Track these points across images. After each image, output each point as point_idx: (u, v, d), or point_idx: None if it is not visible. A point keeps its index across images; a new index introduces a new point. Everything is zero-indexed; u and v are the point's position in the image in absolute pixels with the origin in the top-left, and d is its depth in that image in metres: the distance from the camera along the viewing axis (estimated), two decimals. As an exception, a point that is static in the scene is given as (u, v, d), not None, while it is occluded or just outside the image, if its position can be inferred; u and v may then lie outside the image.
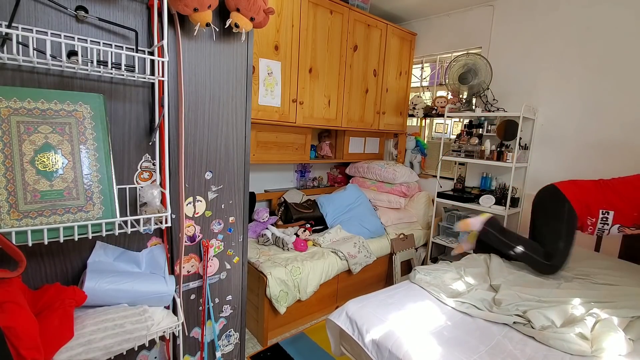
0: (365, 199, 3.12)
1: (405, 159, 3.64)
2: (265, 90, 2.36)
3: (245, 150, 1.18)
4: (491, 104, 2.96)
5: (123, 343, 0.84)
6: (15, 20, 0.76)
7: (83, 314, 0.85)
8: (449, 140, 3.38)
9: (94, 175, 0.83)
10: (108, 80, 0.89)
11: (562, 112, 2.68)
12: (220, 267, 1.19)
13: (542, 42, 2.75)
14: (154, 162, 1.00)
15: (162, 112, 0.92)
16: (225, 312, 1.23)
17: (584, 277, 1.89)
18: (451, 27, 3.33)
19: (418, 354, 1.23)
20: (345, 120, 2.98)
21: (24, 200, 0.75)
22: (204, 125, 1.08)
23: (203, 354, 1.18)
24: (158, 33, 0.93)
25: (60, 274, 0.90)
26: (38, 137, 0.77)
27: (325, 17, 2.64)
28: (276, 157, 2.76)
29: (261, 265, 2.11)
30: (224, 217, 1.17)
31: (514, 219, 2.97)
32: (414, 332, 1.35)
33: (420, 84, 3.74)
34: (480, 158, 2.82)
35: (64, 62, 0.78)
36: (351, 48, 2.88)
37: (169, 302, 1.00)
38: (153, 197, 0.93)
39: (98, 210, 0.83)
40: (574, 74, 2.60)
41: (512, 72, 2.92)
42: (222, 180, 1.14)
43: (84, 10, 0.84)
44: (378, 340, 1.34)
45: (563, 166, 2.70)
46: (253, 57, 1.18)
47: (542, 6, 2.73)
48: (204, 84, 1.05)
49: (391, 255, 2.91)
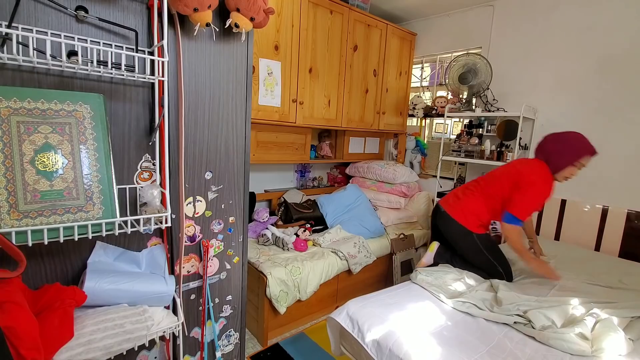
0: (365, 199, 3.12)
1: (405, 159, 3.64)
2: (265, 90, 2.36)
3: (245, 150, 1.18)
4: (491, 104, 2.96)
5: (123, 343, 0.84)
6: (15, 20, 0.76)
7: (83, 314, 0.85)
8: (449, 140, 3.38)
9: (94, 175, 0.83)
10: (108, 80, 0.89)
11: (562, 112, 2.68)
12: (220, 267, 1.19)
13: (542, 42, 2.75)
14: (154, 162, 0.99)
15: (162, 112, 0.92)
16: (225, 312, 1.23)
17: (585, 277, 1.89)
18: (451, 27, 3.33)
19: (418, 353, 1.23)
20: (345, 120, 2.98)
21: (24, 200, 0.75)
22: (204, 125, 1.07)
23: (203, 354, 1.18)
24: (158, 33, 0.93)
25: (60, 274, 0.90)
26: (38, 137, 0.77)
27: (325, 17, 2.64)
28: (276, 157, 2.76)
29: (261, 265, 2.11)
30: (224, 217, 1.17)
31: (514, 219, 2.96)
32: (414, 331, 1.35)
33: (420, 84, 3.74)
34: (480, 158, 2.82)
35: (64, 62, 0.77)
36: (351, 48, 2.88)
37: (169, 302, 1.00)
38: (153, 197, 0.93)
39: (98, 210, 0.83)
40: (574, 73, 2.60)
41: (512, 72, 2.91)
42: (222, 180, 1.14)
43: (84, 10, 0.84)
44: (378, 339, 1.34)
45: (563, 166, 2.70)
46: (253, 57, 1.18)
47: (542, 6, 2.73)
48: (204, 84, 1.05)
49: (391, 255, 2.91)
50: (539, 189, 1.82)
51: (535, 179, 1.82)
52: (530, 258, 1.89)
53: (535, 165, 1.89)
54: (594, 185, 2.54)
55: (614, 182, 2.45)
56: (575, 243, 2.59)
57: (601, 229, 2.51)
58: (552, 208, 2.76)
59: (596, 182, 2.53)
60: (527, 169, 1.88)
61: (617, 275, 1.94)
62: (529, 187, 1.81)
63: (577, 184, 2.61)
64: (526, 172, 1.86)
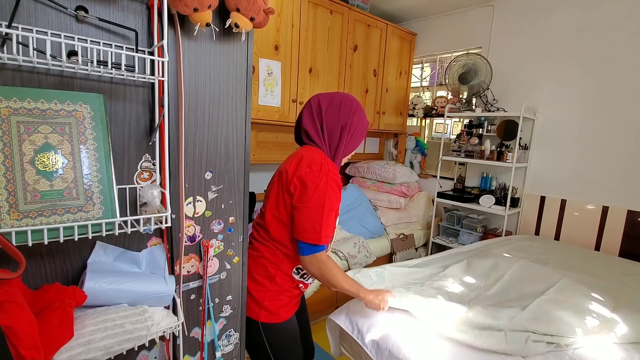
0: (365, 199, 3.12)
1: (405, 159, 3.64)
2: (265, 90, 2.36)
3: (245, 150, 1.18)
4: (491, 104, 2.96)
5: (123, 343, 0.84)
6: (15, 20, 0.75)
7: (83, 314, 0.85)
8: (449, 140, 3.38)
9: (94, 175, 0.83)
10: (108, 80, 0.89)
11: (562, 112, 2.68)
12: (220, 267, 1.19)
13: (542, 42, 2.75)
14: (154, 162, 0.99)
15: (162, 112, 0.91)
16: (225, 312, 1.23)
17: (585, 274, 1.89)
18: (451, 27, 3.33)
19: (418, 355, 1.23)
20: (345, 120, 2.98)
21: (24, 200, 0.75)
22: (204, 125, 1.07)
23: (203, 354, 1.18)
24: (158, 33, 0.93)
25: (60, 274, 0.90)
26: (38, 137, 0.77)
27: (325, 17, 2.64)
28: (276, 157, 2.76)
29: (261, 265, 2.11)
30: (224, 217, 1.17)
31: (514, 219, 2.97)
32: (414, 332, 1.35)
33: (420, 84, 3.74)
34: (480, 158, 2.82)
35: (64, 62, 0.77)
36: (351, 48, 2.88)
37: (169, 302, 1.00)
38: (153, 197, 0.93)
39: (98, 210, 0.83)
40: (574, 73, 2.61)
41: (512, 72, 2.92)
42: (222, 180, 1.14)
43: (84, 10, 0.84)
44: (378, 340, 1.34)
45: (563, 166, 2.70)
46: (253, 57, 1.17)
47: (542, 6, 2.73)
48: (204, 84, 1.05)
49: (391, 255, 2.91)
50: (323, 191, 1.12)
51: (314, 177, 1.12)
52: (366, 292, 1.29)
53: (304, 159, 1.17)
54: (594, 185, 2.55)
55: (614, 182, 2.45)
56: (575, 243, 2.59)
57: (601, 229, 2.51)
58: (552, 208, 2.76)
59: (596, 182, 2.53)
60: (296, 164, 1.17)
61: (617, 275, 1.93)
62: (309, 196, 1.12)
63: (577, 183, 2.61)
64: (299, 170, 1.15)
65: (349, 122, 1.20)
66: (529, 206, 2.88)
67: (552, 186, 2.75)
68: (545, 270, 1.86)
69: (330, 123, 1.20)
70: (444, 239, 3.11)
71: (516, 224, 2.95)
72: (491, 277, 1.81)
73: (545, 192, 2.79)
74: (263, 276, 1.24)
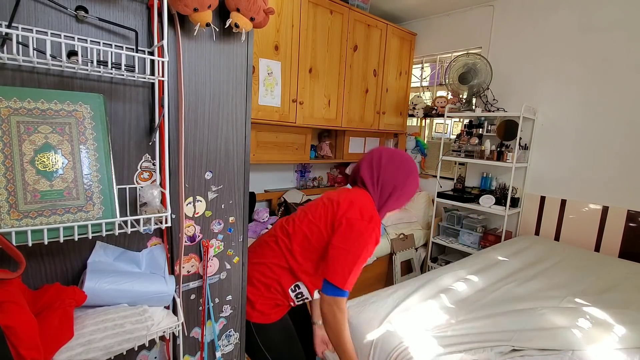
0: (365, 199, 3.11)
1: (405, 159, 3.64)
2: (265, 90, 2.36)
3: (245, 150, 1.18)
4: (491, 104, 2.96)
5: (123, 343, 0.84)
6: (15, 20, 0.75)
7: (83, 314, 0.85)
8: (449, 140, 3.38)
9: (94, 175, 0.83)
10: (108, 80, 0.89)
11: (562, 112, 2.68)
12: (220, 267, 1.19)
13: (542, 41, 2.75)
14: (154, 162, 0.99)
15: (162, 112, 0.91)
16: (225, 312, 1.23)
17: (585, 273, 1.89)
18: (451, 27, 3.33)
19: (419, 354, 1.23)
20: (345, 120, 2.98)
21: (24, 200, 0.75)
22: (204, 125, 1.07)
23: (203, 354, 1.18)
24: (158, 33, 0.93)
25: (60, 274, 0.90)
26: (38, 137, 0.77)
27: (325, 17, 2.64)
28: (276, 157, 2.76)
29: (261, 265, 2.11)
30: (224, 217, 1.17)
31: (514, 219, 2.97)
32: (415, 332, 1.35)
33: (420, 84, 3.75)
34: (480, 158, 2.82)
35: (64, 62, 0.77)
36: (351, 48, 2.88)
37: (169, 302, 1.00)
38: (153, 197, 0.93)
39: (98, 210, 0.83)
40: (574, 73, 2.61)
41: (512, 72, 2.92)
42: (222, 180, 1.14)
43: (84, 10, 0.84)
44: (378, 340, 1.33)
45: (563, 166, 2.70)
46: (253, 57, 1.17)
47: (542, 6, 2.73)
48: (204, 84, 1.05)
49: (391, 255, 2.91)
50: (365, 243, 1.16)
51: (362, 226, 1.16)
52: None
53: (358, 202, 1.22)
54: (594, 185, 2.55)
55: (614, 182, 2.45)
56: (575, 243, 2.59)
57: (601, 229, 2.51)
58: (552, 208, 2.76)
59: (596, 182, 2.53)
60: (349, 203, 1.21)
61: (617, 276, 1.93)
62: (352, 241, 1.15)
63: (577, 183, 2.61)
64: (350, 212, 1.19)
65: (402, 183, 1.26)
66: (529, 206, 2.88)
67: (552, 186, 2.75)
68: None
69: (386, 178, 1.26)
70: (444, 239, 3.11)
71: (516, 224, 2.95)
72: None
73: (545, 192, 2.79)
74: (260, 282, 1.28)
